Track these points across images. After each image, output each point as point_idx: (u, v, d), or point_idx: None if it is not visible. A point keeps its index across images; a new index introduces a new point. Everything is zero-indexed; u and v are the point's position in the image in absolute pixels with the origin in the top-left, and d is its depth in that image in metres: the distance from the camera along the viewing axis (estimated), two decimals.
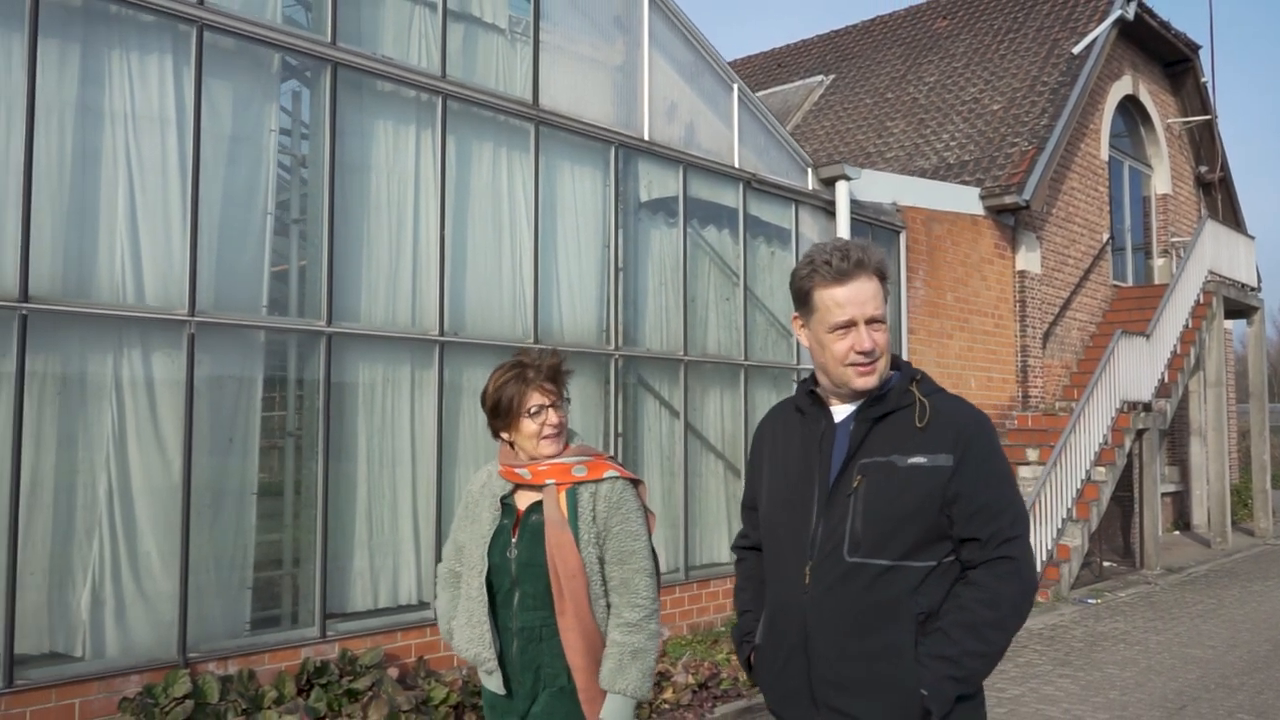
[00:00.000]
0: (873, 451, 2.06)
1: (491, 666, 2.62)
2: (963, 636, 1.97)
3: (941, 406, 2.10)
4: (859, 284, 2.07)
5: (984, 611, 1.97)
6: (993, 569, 2.01)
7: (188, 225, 5.11)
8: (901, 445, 2.05)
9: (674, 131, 7.79)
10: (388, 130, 6.07)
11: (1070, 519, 10.09)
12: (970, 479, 2.02)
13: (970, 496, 2.01)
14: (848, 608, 2.01)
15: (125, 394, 4.93)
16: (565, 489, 2.66)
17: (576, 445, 2.77)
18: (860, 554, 2.01)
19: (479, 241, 6.48)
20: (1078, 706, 5.79)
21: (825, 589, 2.03)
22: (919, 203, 10.61)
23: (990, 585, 1.99)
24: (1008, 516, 2.04)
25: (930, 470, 2.02)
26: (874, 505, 2.02)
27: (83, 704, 4.61)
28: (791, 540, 2.12)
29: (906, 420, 2.08)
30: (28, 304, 4.56)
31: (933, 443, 2.04)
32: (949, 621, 1.99)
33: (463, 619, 2.68)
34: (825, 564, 2.04)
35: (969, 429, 2.07)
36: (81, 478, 4.77)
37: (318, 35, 5.71)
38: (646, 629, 2.59)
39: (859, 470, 2.06)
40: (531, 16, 6.82)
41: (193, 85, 5.17)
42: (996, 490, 2.05)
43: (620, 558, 2.62)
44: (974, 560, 2.03)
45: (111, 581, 4.84)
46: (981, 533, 2.01)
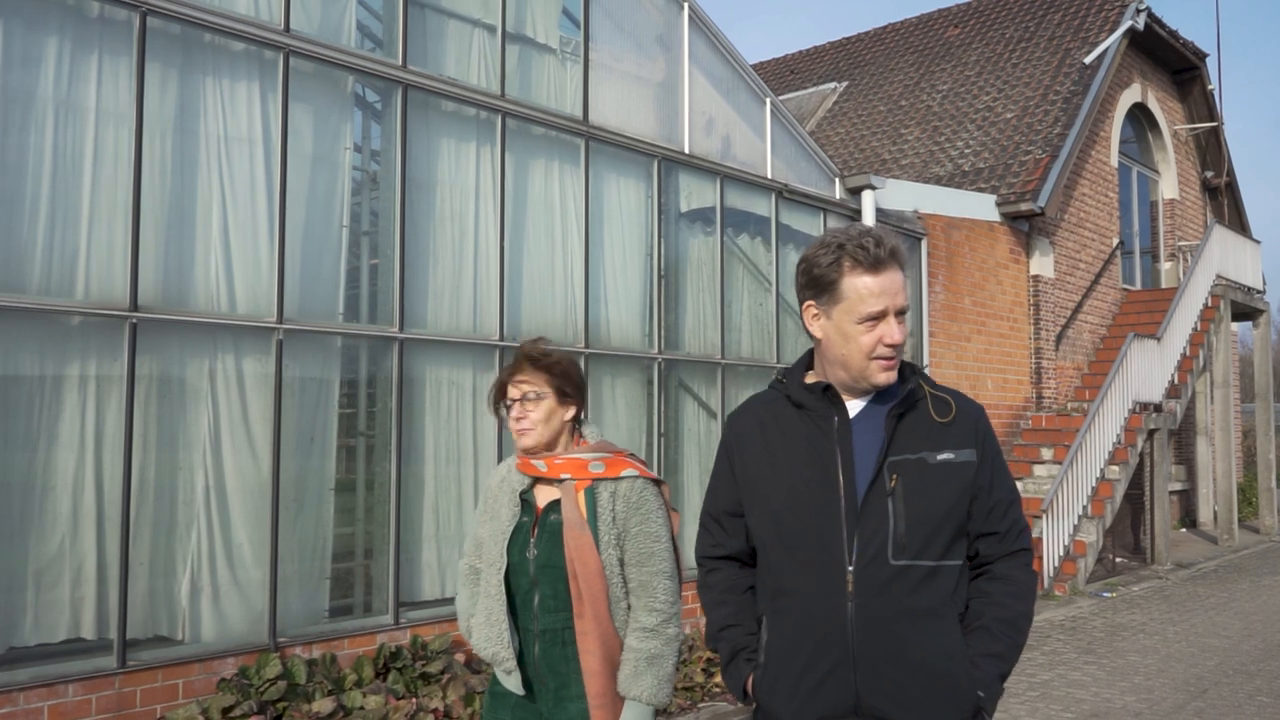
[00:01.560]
0: (901, 449, 1.99)
1: (510, 666, 2.56)
2: (1006, 632, 1.97)
3: (955, 400, 2.07)
4: (892, 274, 1.98)
5: (1018, 605, 1.99)
6: (1015, 561, 2.03)
7: (275, 238, 5.46)
8: (927, 441, 2.00)
9: (711, 144, 8.15)
10: (451, 147, 6.42)
11: (1086, 516, 10.45)
12: (989, 473, 2.02)
13: (990, 491, 2.01)
14: (899, 614, 1.92)
15: (219, 397, 5.28)
16: (584, 487, 2.60)
17: (595, 441, 2.70)
18: (906, 556, 1.93)
19: (534, 251, 6.83)
20: (1105, 690, 6.15)
21: (872, 596, 1.92)
22: (938, 210, 10.97)
23: (1018, 578, 2.01)
24: (1017, 508, 2.07)
25: (959, 466, 1.98)
26: (914, 505, 1.95)
27: (185, 683, 4.96)
28: (820, 548, 1.97)
29: (924, 415, 2.02)
30: (136, 313, 4.91)
31: (956, 438, 2.01)
32: (991, 618, 1.97)
33: (481, 617, 2.63)
34: (870, 569, 1.93)
35: (982, 422, 2.06)
36: (182, 475, 5.12)
37: (389, 58, 6.06)
38: (664, 634, 2.53)
39: (890, 469, 1.97)
40: (581, 37, 7.17)
41: (279, 107, 5.53)
42: (1009, 483, 2.06)
43: (639, 560, 2.56)
44: (994, 554, 2.03)
45: (208, 571, 5.19)
46: (1001, 526, 2.02)
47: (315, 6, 5.80)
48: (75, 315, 4.78)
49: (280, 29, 5.53)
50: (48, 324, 4.71)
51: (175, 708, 4.84)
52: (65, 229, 4.80)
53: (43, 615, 4.65)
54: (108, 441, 4.84)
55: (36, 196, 4.72)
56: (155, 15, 5.06)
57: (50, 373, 4.71)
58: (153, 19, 5.06)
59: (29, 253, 4.68)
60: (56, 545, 4.70)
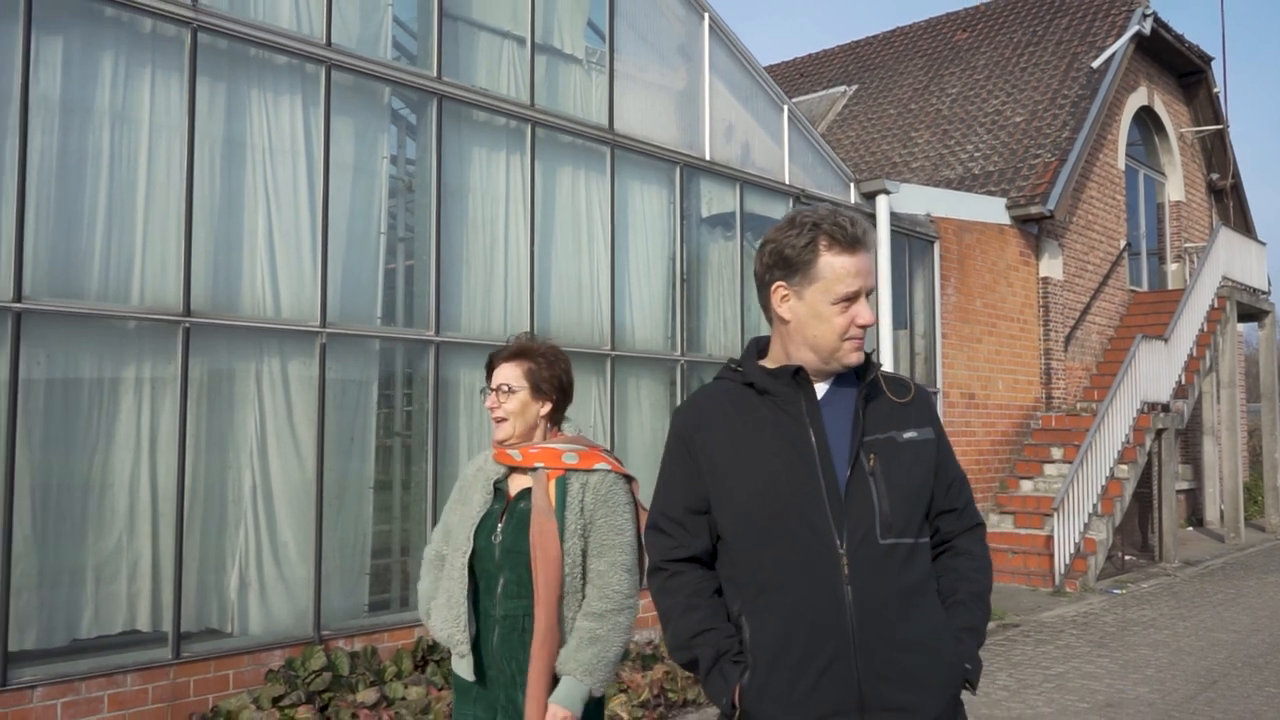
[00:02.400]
0: (873, 429, 1.98)
1: (464, 650, 2.58)
2: (978, 606, 2.02)
3: (907, 380, 2.10)
4: (866, 254, 1.98)
5: (984, 579, 2.06)
6: (973, 536, 2.09)
7: (318, 245, 5.66)
8: (893, 421, 2.01)
9: (731, 151, 8.34)
10: (482, 155, 6.61)
11: (1096, 514, 10.63)
12: (944, 451, 2.07)
13: (946, 468, 2.06)
14: (893, 593, 1.90)
15: (266, 399, 5.47)
16: (556, 476, 2.64)
17: (572, 434, 2.77)
18: (893, 534, 1.92)
19: (561, 256, 7.03)
20: (1119, 681, 6.33)
21: (868, 576, 1.89)
22: (950, 213, 11.15)
23: (979, 553, 2.08)
24: (967, 484, 2.12)
25: (923, 444, 2.02)
26: (894, 483, 1.95)
27: (235, 674, 5.16)
28: (806, 533, 1.91)
29: (884, 397, 2.03)
30: (189, 317, 5.11)
31: (916, 417, 2.03)
32: (965, 593, 2.02)
33: (442, 599, 2.65)
34: (861, 550, 1.90)
35: (932, 402, 2.11)
36: (230, 474, 5.32)
37: (425, 70, 6.26)
38: (612, 620, 2.54)
39: (866, 448, 1.96)
40: (606, 47, 7.37)
41: (321, 119, 5.72)
42: (955, 460, 2.11)
43: (600, 550, 2.60)
44: (954, 530, 2.07)
45: (256, 567, 5.39)
46: (959, 502, 2.07)
47: (354, 21, 5.99)
48: (131, 320, 4.98)
49: (322, 43, 5.72)
50: (105, 329, 4.91)
51: (227, 697, 5.03)
52: (121, 237, 4.99)
53: (101, 609, 4.85)
54: (161, 442, 5.04)
55: (94, 206, 4.91)
56: (205, 31, 5.25)
57: (108, 376, 4.91)
58: (203, 34, 5.25)
59: (87, 260, 4.88)
60: (114, 542, 4.90)
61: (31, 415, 4.63)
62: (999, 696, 5.97)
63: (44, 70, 4.75)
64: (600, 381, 7.16)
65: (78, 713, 4.60)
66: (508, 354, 2.76)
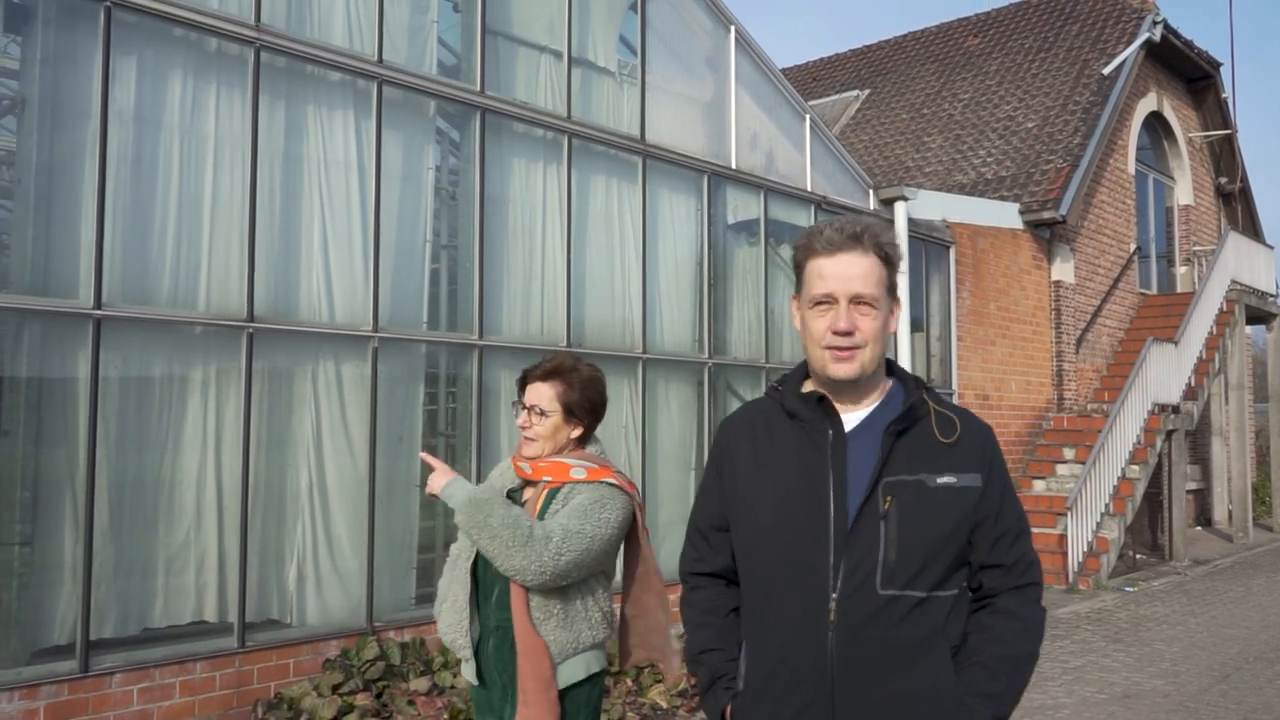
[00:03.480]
0: (899, 469, 1.84)
1: (467, 655, 2.61)
2: (1006, 672, 1.82)
3: (961, 419, 1.91)
4: (849, 258, 1.84)
5: (1022, 644, 1.85)
6: (1021, 596, 1.88)
7: (370, 254, 5.91)
8: (928, 462, 1.85)
9: (756, 159, 8.59)
10: (521, 166, 6.87)
11: (1108, 513, 10.87)
12: (996, 500, 1.88)
13: (996, 519, 1.87)
14: (884, 647, 1.78)
15: (321, 400, 5.73)
16: (553, 488, 2.63)
17: (594, 452, 2.74)
18: (895, 586, 1.79)
19: (595, 263, 7.28)
20: (1135, 674, 6.58)
21: (856, 627, 1.78)
22: (965, 219, 11.39)
23: (1024, 615, 1.86)
24: (1025, 539, 1.91)
25: (961, 491, 1.84)
26: (908, 531, 1.80)
27: (295, 663, 5.41)
28: (802, 570, 1.83)
29: (926, 433, 1.87)
30: (253, 323, 5.37)
31: (961, 460, 1.86)
32: (990, 655, 1.82)
33: (449, 603, 2.66)
34: (854, 598, 1.79)
35: (990, 445, 1.91)
36: (289, 472, 5.58)
37: (468, 85, 6.51)
38: (535, 536, 2.47)
39: (885, 490, 1.82)
40: (638, 60, 7.62)
41: (373, 132, 5.98)
42: (1015, 512, 1.91)
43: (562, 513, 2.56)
44: (999, 588, 1.88)
45: (312, 561, 5.65)
46: (1007, 558, 1.87)
47: (401, 38, 6.25)
48: (198, 325, 5.24)
49: (374, 60, 5.98)
50: (175, 333, 5.16)
51: (288, 685, 5.29)
52: (189, 246, 5.25)
53: (171, 600, 5.11)
54: (226, 441, 5.30)
55: (165, 216, 5.17)
56: (267, 50, 5.51)
57: (177, 379, 5.17)
58: (265, 53, 5.51)
59: (158, 268, 5.14)
60: (182, 536, 5.16)
61: (108, 415, 4.89)
62: None
63: (120, 87, 5.01)
64: (632, 384, 7.41)
65: (152, 698, 4.86)
66: (542, 372, 2.71)
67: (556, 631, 2.55)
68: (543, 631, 2.53)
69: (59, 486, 4.74)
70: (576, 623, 2.59)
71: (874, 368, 1.89)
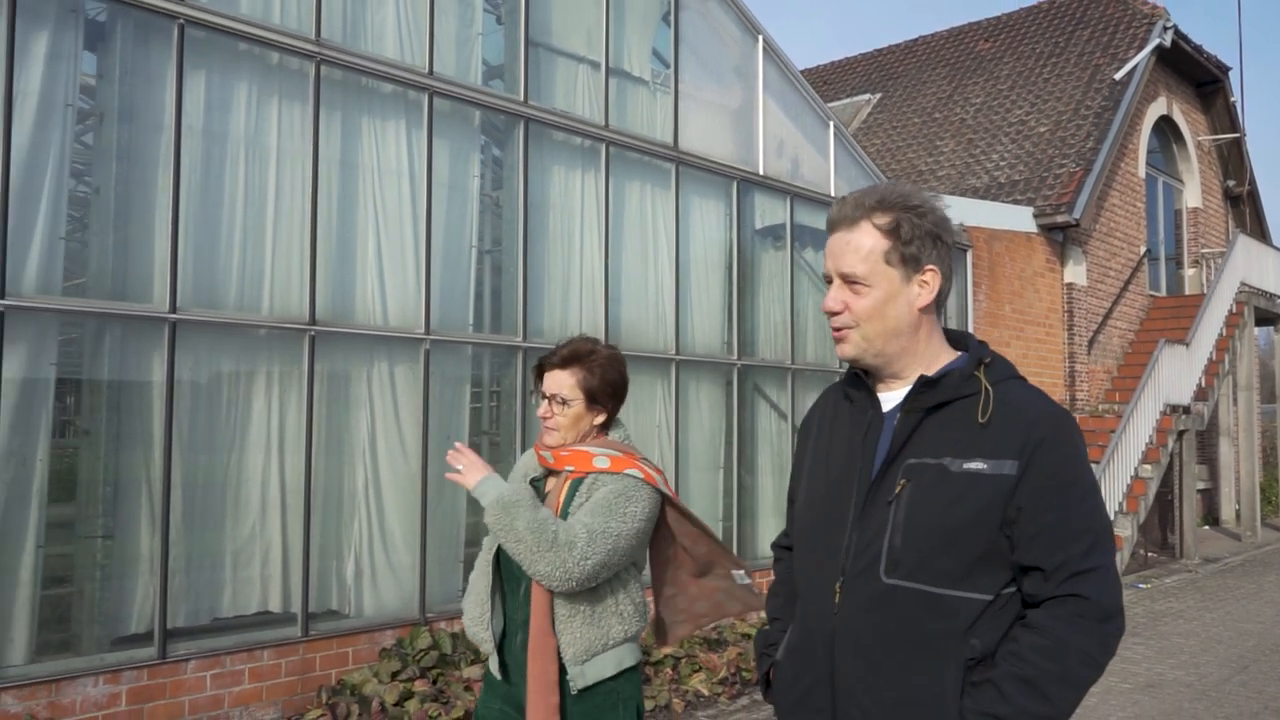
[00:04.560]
0: (922, 451, 1.72)
1: (489, 649, 2.55)
2: (1018, 693, 1.59)
3: (1012, 399, 1.71)
4: (842, 235, 1.78)
5: (1043, 663, 1.59)
6: (1058, 608, 1.62)
7: (421, 259, 6.14)
8: (958, 445, 1.69)
9: (782, 166, 8.81)
10: (561, 173, 7.09)
11: (1122, 512, 11.10)
12: (1035, 492, 1.64)
13: (1034, 515, 1.63)
14: (882, 639, 1.68)
15: (376, 400, 5.96)
16: (576, 478, 2.54)
17: (618, 438, 2.65)
18: (899, 575, 1.68)
19: (631, 267, 7.50)
20: (1156, 666, 6.81)
21: (857, 613, 1.71)
22: (981, 222, 11.62)
23: (1053, 630, 1.61)
24: (1082, 542, 1.62)
25: (990, 479, 1.65)
26: (917, 517, 1.67)
27: (354, 652, 5.64)
28: (823, 549, 1.80)
29: (967, 414, 1.71)
30: (315, 326, 5.59)
31: (996, 445, 1.67)
32: (1001, 673, 1.61)
33: (473, 596, 2.60)
34: (858, 583, 1.71)
35: (1040, 428, 1.67)
36: (346, 470, 5.81)
37: (513, 95, 6.73)
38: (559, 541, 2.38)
39: (903, 473, 1.71)
40: (671, 69, 7.84)
41: (424, 142, 6.20)
42: (1069, 508, 1.64)
43: (586, 510, 2.47)
44: (1036, 596, 1.65)
45: (368, 555, 5.87)
46: (1046, 561, 1.63)
47: (449, 50, 6.47)
48: (262, 328, 5.46)
49: (425, 72, 6.20)
50: (241, 336, 5.39)
51: (349, 672, 5.52)
52: (253, 251, 5.48)
53: (238, 591, 5.34)
54: (289, 440, 5.52)
55: (231, 223, 5.40)
56: (327, 63, 5.74)
57: (243, 379, 5.40)
58: (325, 66, 5.73)
59: (226, 273, 5.36)
60: (248, 530, 5.38)
61: (181, 415, 5.11)
62: None
63: (190, 101, 5.23)
64: (665, 384, 7.63)
65: (223, 684, 5.09)
66: (561, 358, 2.63)
67: (582, 629, 2.46)
68: (567, 629, 2.45)
69: (136, 483, 4.97)
70: (605, 618, 2.50)
71: (884, 345, 1.78)
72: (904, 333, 1.78)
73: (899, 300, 1.76)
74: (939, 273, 1.78)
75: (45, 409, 4.72)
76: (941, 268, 1.79)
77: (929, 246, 1.76)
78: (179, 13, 5.11)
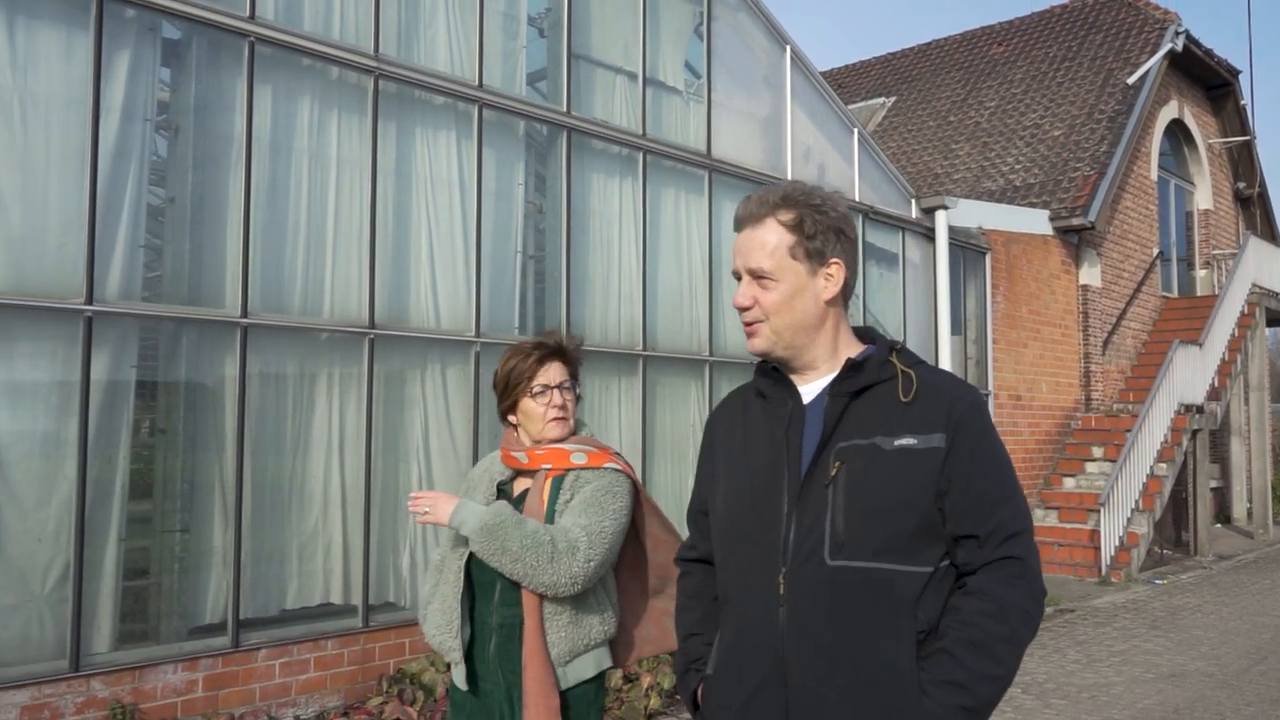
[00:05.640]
0: (851, 433, 1.74)
1: (457, 657, 2.47)
2: (971, 657, 1.64)
3: (929, 378, 1.77)
4: (748, 233, 1.86)
5: (993, 625, 1.64)
6: (996, 572, 1.67)
7: (472, 264, 6.38)
8: (886, 424, 1.72)
9: (809, 171, 9.03)
10: (600, 181, 7.33)
11: (1138, 510, 11.31)
12: (964, 464, 1.69)
13: (965, 485, 1.69)
14: (833, 623, 1.68)
15: (429, 401, 6.19)
16: (556, 475, 2.52)
17: (585, 435, 2.64)
18: (844, 555, 1.68)
19: (666, 271, 7.73)
20: (1178, 657, 7.03)
21: (805, 601, 1.69)
22: (999, 226, 11.83)
23: (996, 592, 1.66)
24: (1009, 508, 1.70)
25: (922, 453, 1.69)
26: (857, 496, 1.69)
27: (410, 642, 5.88)
28: (758, 547, 1.77)
29: (889, 395, 1.75)
30: (374, 329, 5.83)
31: (922, 420, 1.71)
32: (953, 639, 1.65)
33: (437, 604, 2.53)
34: (803, 570, 1.70)
35: (962, 403, 1.73)
36: (401, 468, 6.04)
37: (556, 105, 6.97)
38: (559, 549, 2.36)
39: (836, 455, 1.73)
40: (704, 79, 8.07)
41: (474, 152, 6.44)
42: (995, 477, 1.71)
43: (573, 510, 2.46)
44: (973, 563, 1.69)
45: (422, 549, 6.11)
46: (979, 529, 1.68)
47: (496, 63, 6.71)
48: (324, 332, 5.70)
49: (474, 84, 6.44)
50: (305, 339, 5.63)
51: (406, 661, 5.76)
52: (315, 258, 5.72)
53: (303, 584, 5.58)
54: (349, 439, 5.76)
55: (295, 231, 5.64)
56: (384, 78, 5.97)
57: (306, 381, 5.64)
58: (383, 81, 5.97)
59: (290, 278, 5.60)
60: (312, 526, 5.62)
61: (251, 414, 5.35)
62: (1072, 669, 6.67)
63: (258, 114, 5.47)
64: (699, 385, 7.87)
65: (291, 672, 5.33)
66: (555, 348, 2.65)
67: (567, 629, 2.45)
68: (553, 629, 2.42)
69: (210, 480, 5.21)
70: (588, 618, 2.49)
71: (793, 337, 1.81)
72: (811, 325, 1.82)
73: (805, 294, 1.80)
74: (843, 265, 1.82)
75: (126, 409, 4.96)
76: (845, 261, 1.83)
77: (833, 241, 1.81)
78: (250, 30, 5.35)
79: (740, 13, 8.47)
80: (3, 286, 4.55)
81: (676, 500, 7.64)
